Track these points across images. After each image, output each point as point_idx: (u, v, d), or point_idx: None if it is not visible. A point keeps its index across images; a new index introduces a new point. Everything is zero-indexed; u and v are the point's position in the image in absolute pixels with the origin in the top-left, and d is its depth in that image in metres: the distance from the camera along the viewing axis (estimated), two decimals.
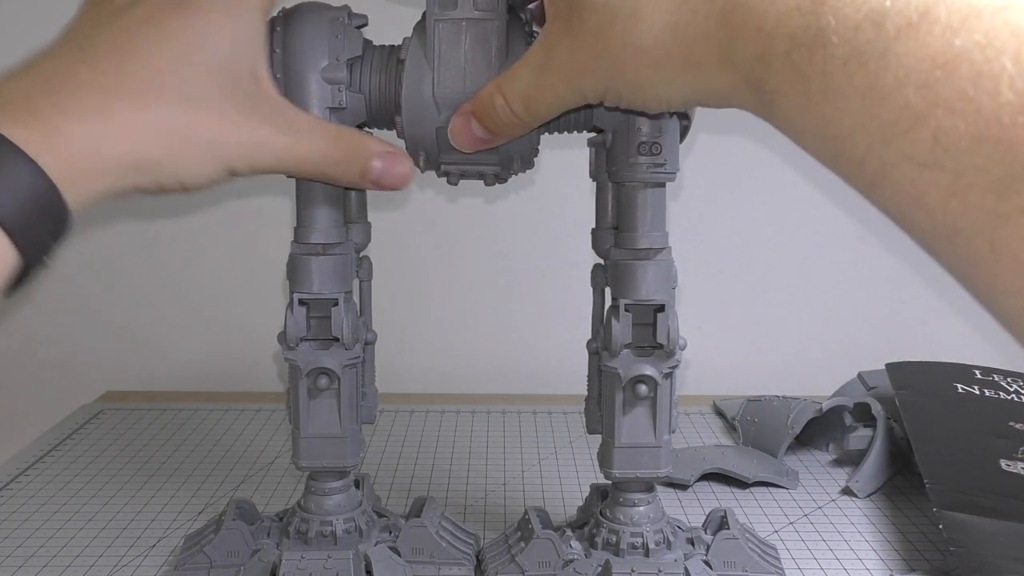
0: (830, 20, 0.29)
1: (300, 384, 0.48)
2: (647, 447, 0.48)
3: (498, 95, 0.42)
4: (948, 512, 0.54)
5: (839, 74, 0.29)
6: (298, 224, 0.48)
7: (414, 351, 0.92)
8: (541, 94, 0.41)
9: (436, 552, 0.51)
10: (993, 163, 0.24)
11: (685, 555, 0.50)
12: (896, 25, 0.27)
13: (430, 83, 0.45)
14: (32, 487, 0.64)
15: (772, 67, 0.31)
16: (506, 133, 0.44)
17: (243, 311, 0.91)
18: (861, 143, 0.28)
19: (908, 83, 0.26)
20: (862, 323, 0.91)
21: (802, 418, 0.68)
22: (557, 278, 0.90)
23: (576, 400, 0.57)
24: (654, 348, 0.48)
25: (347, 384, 0.49)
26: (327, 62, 0.45)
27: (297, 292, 0.48)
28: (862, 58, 0.28)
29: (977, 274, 0.26)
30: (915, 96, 0.26)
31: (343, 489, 0.51)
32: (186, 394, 0.86)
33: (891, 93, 0.27)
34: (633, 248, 0.47)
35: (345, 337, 0.48)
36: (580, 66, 0.39)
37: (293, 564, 0.48)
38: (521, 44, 0.45)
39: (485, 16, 0.44)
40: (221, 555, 0.50)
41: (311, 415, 0.49)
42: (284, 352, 0.48)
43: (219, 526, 0.51)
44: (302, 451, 0.49)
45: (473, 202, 0.89)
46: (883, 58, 0.27)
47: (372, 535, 0.51)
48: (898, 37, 0.27)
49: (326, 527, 0.50)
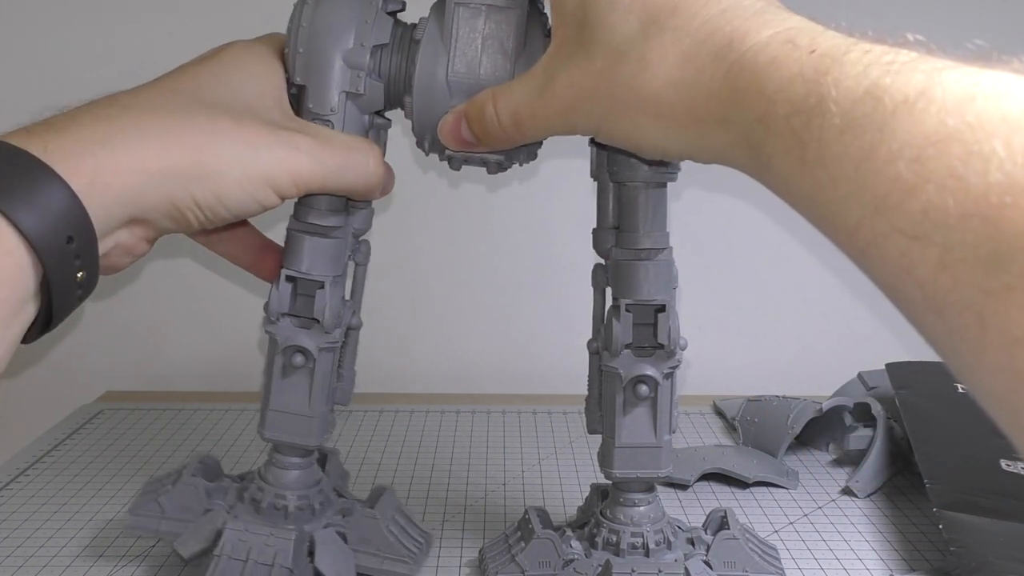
0: (831, 91, 0.30)
1: (276, 359, 0.48)
2: (647, 447, 0.48)
3: (490, 105, 0.42)
4: (948, 512, 0.54)
5: (835, 143, 0.29)
6: (298, 202, 0.47)
7: (414, 351, 0.92)
8: (531, 117, 0.41)
9: (382, 546, 0.50)
10: (981, 240, 0.25)
11: (685, 555, 0.50)
12: (894, 101, 0.28)
13: (444, 66, 0.44)
14: (32, 487, 0.64)
15: (771, 130, 0.32)
16: (491, 143, 0.44)
17: (243, 311, 0.91)
18: (854, 212, 0.29)
19: (901, 157, 0.27)
20: (862, 323, 0.91)
21: (802, 418, 0.68)
22: (558, 278, 0.90)
23: (576, 400, 0.57)
24: (655, 348, 0.48)
25: (322, 366, 0.48)
26: (351, 45, 0.45)
27: (286, 268, 0.47)
28: (858, 130, 0.28)
29: (964, 349, 0.26)
30: (907, 170, 0.27)
31: (304, 466, 0.50)
32: (186, 394, 0.86)
33: (884, 166, 0.27)
34: (634, 248, 0.47)
35: (326, 321, 0.47)
36: (576, 101, 0.39)
37: (235, 535, 0.48)
38: (539, 36, 0.45)
39: (507, 4, 0.44)
40: (174, 508, 0.50)
41: (282, 390, 0.49)
42: (265, 324, 0.48)
43: (179, 477, 0.51)
44: (268, 422, 0.49)
45: (475, 202, 0.89)
46: (879, 131, 0.28)
47: (325, 515, 0.51)
48: (895, 112, 0.28)
49: (279, 500, 0.49)
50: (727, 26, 0.35)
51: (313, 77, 0.45)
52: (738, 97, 0.33)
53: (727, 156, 0.36)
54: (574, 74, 0.39)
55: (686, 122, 0.36)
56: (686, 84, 0.35)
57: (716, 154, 0.36)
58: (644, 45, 0.36)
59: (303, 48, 0.45)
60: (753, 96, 0.33)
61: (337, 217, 0.47)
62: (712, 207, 0.89)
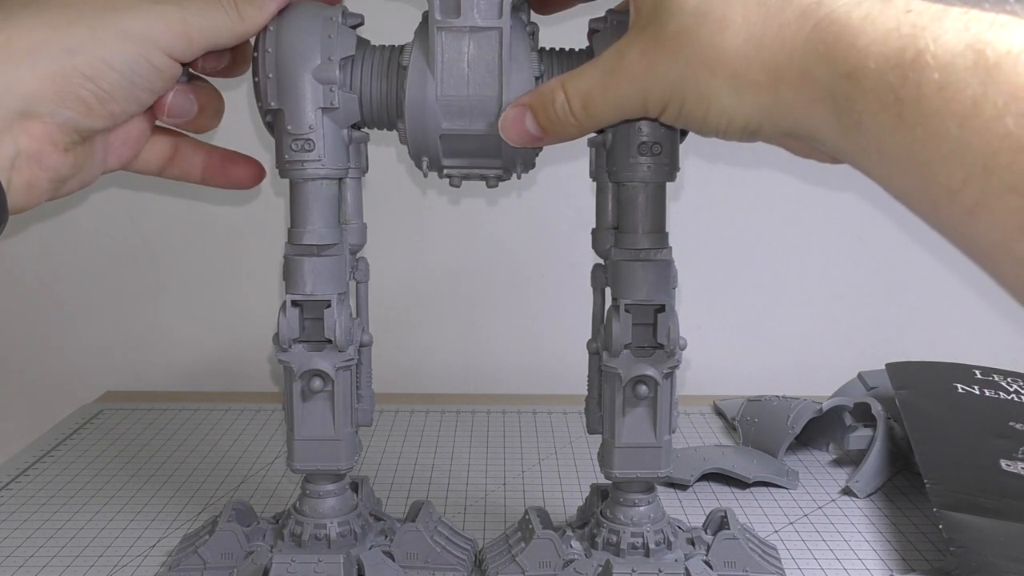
0: (929, 44, 0.29)
1: (294, 386, 0.48)
2: (647, 447, 0.48)
3: (560, 91, 0.41)
4: (948, 512, 0.54)
5: (935, 98, 0.28)
6: (292, 225, 0.47)
7: (414, 351, 0.92)
8: (603, 96, 0.40)
9: (430, 557, 0.50)
10: None
11: (685, 555, 0.50)
12: (997, 53, 0.27)
13: (433, 90, 0.45)
14: (32, 487, 0.64)
15: (862, 86, 0.31)
16: (559, 133, 0.42)
17: (243, 311, 0.91)
18: (958, 171, 0.28)
19: (1008, 112, 0.26)
20: (862, 323, 0.91)
21: (802, 418, 0.68)
22: (557, 278, 0.90)
23: (576, 400, 0.57)
24: (654, 348, 0.48)
25: (341, 386, 0.49)
26: (319, 62, 0.45)
27: (290, 294, 0.48)
28: (960, 84, 0.28)
29: None
30: (1016, 126, 0.26)
31: (338, 492, 0.51)
32: (186, 394, 0.86)
33: (991, 122, 0.27)
34: (633, 248, 0.47)
35: (338, 339, 0.48)
36: (650, 68, 0.38)
37: (283, 567, 0.48)
38: (524, 50, 0.45)
39: (488, 24, 0.44)
40: (215, 556, 0.50)
41: (305, 417, 0.49)
42: (278, 354, 0.48)
43: (214, 527, 0.51)
44: (296, 453, 0.49)
45: (474, 202, 0.89)
46: (982, 85, 0.27)
47: (367, 539, 0.51)
48: (998, 65, 0.27)
49: (320, 530, 0.50)
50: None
51: (287, 99, 0.45)
52: (826, 50, 0.32)
53: (806, 118, 0.34)
54: (648, 43, 0.38)
55: (764, 82, 0.35)
56: (768, 40, 0.34)
57: (793, 118, 0.35)
58: (725, 6, 0.35)
59: (272, 73, 0.45)
60: (843, 49, 0.31)
61: (332, 233, 0.47)
62: (712, 207, 0.89)
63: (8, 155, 0.39)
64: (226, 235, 0.90)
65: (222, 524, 0.51)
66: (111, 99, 0.41)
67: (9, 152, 0.39)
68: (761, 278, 0.91)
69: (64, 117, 0.40)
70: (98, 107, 0.41)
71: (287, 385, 0.49)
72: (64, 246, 0.90)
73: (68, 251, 0.90)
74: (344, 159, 0.47)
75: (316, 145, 0.46)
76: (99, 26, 0.40)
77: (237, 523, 0.51)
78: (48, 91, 0.39)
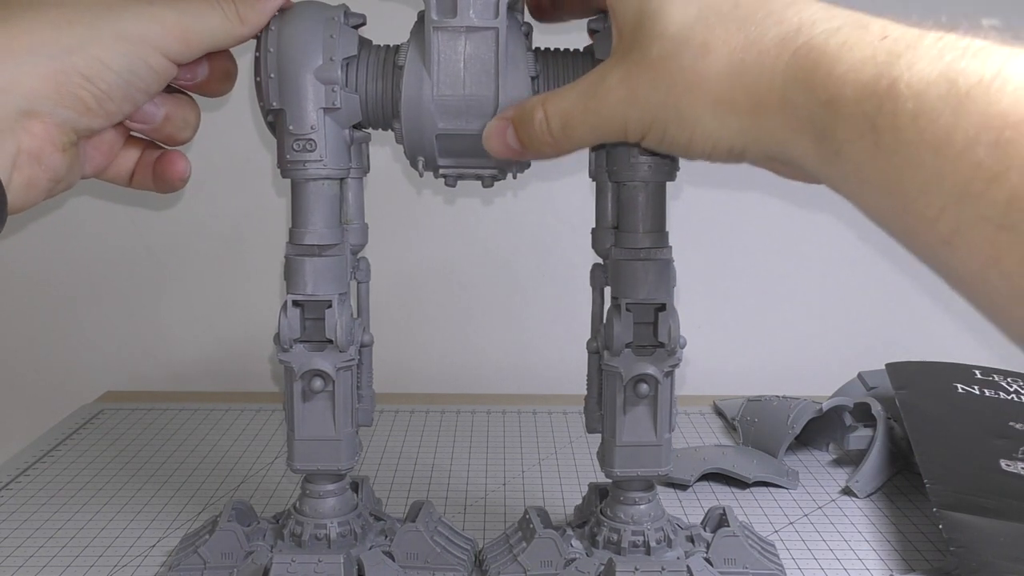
0: (903, 73, 0.29)
1: (294, 386, 0.48)
2: (648, 446, 0.48)
3: (540, 109, 0.41)
4: (948, 512, 0.54)
5: (910, 128, 0.28)
6: (293, 225, 0.48)
7: (414, 351, 0.92)
8: (583, 118, 0.40)
9: (430, 557, 0.50)
10: None
11: (686, 553, 0.50)
12: (968, 82, 0.27)
13: (429, 90, 0.45)
14: (32, 487, 0.64)
15: (840, 114, 0.31)
16: (537, 151, 0.42)
17: (242, 311, 0.91)
18: (935, 200, 0.28)
19: (979, 142, 0.26)
20: (862, 323, 0.91)
21: (802, 418, 0.68)
22: (557, 278, 0.90)
23: (576, 400, 0.57)
24: (655, 347, 0.48)
25: (342, 387, 0.49)
26: (321, 62, 0.45)
27: (291, 294, 0.48)
28: (933, 113, 0.28)
29: None
30: (987, 156, 0.26)
31: (338, 492, 0.51)
32: (186, 394, 0.86)
33: (964, 151, 0.27)
34: (633, 248, 0.47)
35: (339, 339, 0.48)
36: (631, 94, 0.38)
37: (283, 567, 0.47)
38: (520, 49, 0.45)
39: (485, 24, 0.44)
40: (215, 556, 0.50)
41: (305, 417, 0.49)
42: (278, 354, 0.48)
43: (214, 527, 0.51)
44: (296, 453, 0.49)
45: (469, 202, 0.89)
46: (954, 115, 0.27)
47: (367, 539, 0.51)
48: (969, 94, 0.27)
49: (320, 530, 0.50)
50: (795, 17, 0.34)
51: (289, 99, 0.45)
52: (805, 77, 0.32)
53: (788, 145, 0.34)
54: (630, 68, 0.38)
55: (746, 108, 0.35)
56: (749, 66, 0.34)
57: (775, 143, 0.35)
58: (706, 32, 0.35)
59: (274, 73, 0.45)
60: (821, 77, 0.31)
61: (333, 233, 0.47)
62: (712, 206, 0.89)
63: (10, 153, 0.39)
64: (226, 235, 0.90)
65: (222, 524, 0.50)
66: (108, 99, 0.41)
67: (11, 150, 0.39)
68: (761, 278, 0.91)
69: (63, 116, 0.40)
70: (96, 107, 0.41)
71: (288, 385, 0.49)
72: (64, 246, 0.90)
73: (68, 251, 0.91)
74: (346, 159, 0.47)
75: (318, 145, 0.46)
76: (98, 27, 0.40)
77: (237, 523, 0.51)
78: (49, 90, 0.39)
